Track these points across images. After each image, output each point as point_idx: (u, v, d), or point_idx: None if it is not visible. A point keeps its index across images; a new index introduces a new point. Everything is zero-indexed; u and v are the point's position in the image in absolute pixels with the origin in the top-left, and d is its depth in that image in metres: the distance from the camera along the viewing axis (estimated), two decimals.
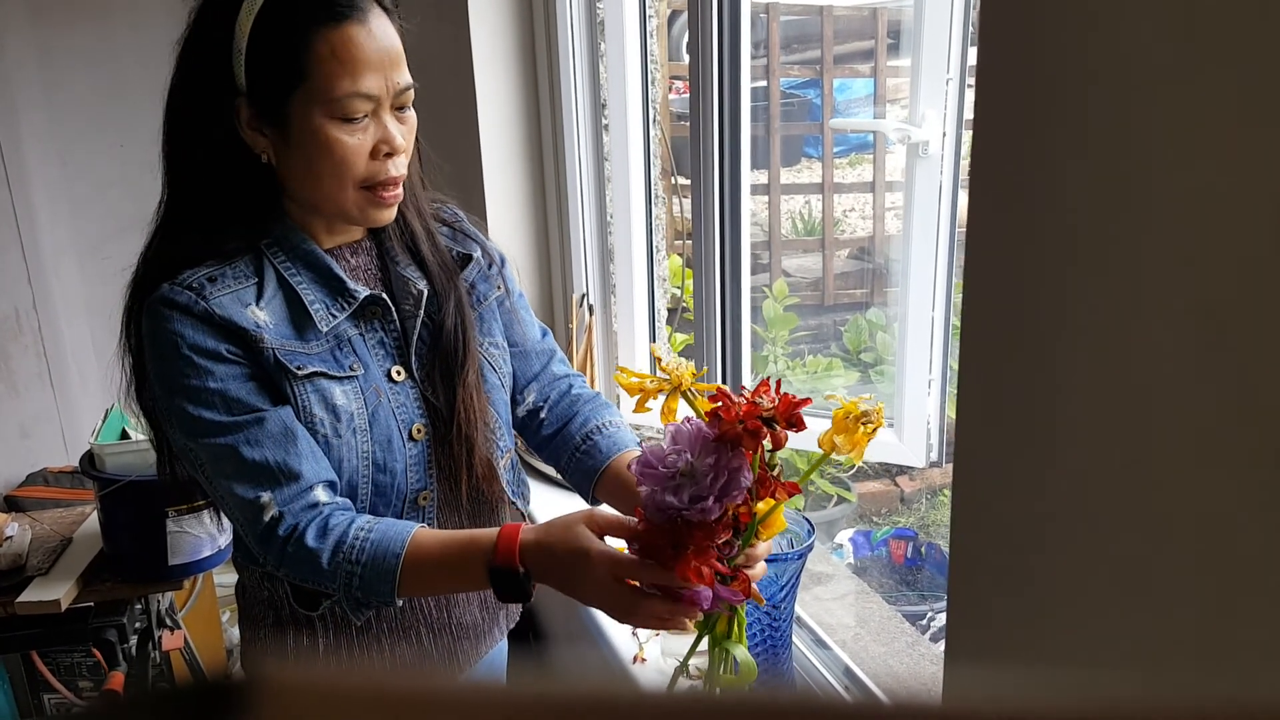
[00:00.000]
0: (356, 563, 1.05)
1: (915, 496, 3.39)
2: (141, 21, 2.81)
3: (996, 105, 0.79)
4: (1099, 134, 0.70)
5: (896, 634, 1.56)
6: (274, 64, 1.02)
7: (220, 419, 1.05)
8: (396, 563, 1.04)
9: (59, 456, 2.85)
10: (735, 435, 0.89)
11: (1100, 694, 0.22)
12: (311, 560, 1.05)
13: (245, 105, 1.04)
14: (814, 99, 4.52)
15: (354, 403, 1.11)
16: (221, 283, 1.06)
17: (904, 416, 1.56)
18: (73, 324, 2.92)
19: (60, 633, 1.87)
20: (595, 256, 2.17)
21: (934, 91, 1.42)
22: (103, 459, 1.80)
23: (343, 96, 1.02)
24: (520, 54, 2.14)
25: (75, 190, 2.88)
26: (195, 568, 1.87)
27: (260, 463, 1.05)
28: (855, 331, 3.43)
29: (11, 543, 1.87)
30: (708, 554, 0.90)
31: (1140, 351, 0.70)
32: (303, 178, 1.07)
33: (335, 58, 1.01)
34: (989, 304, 0.83)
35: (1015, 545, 0.84)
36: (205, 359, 1.04)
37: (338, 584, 1.06)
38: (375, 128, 1.06)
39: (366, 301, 1.13)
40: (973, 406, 0.86)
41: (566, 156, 2.13)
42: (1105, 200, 0.70)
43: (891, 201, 3.90)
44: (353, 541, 1.05)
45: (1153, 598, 0.73)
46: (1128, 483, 0.73)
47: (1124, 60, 0.68)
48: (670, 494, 0.90)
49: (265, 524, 1.05)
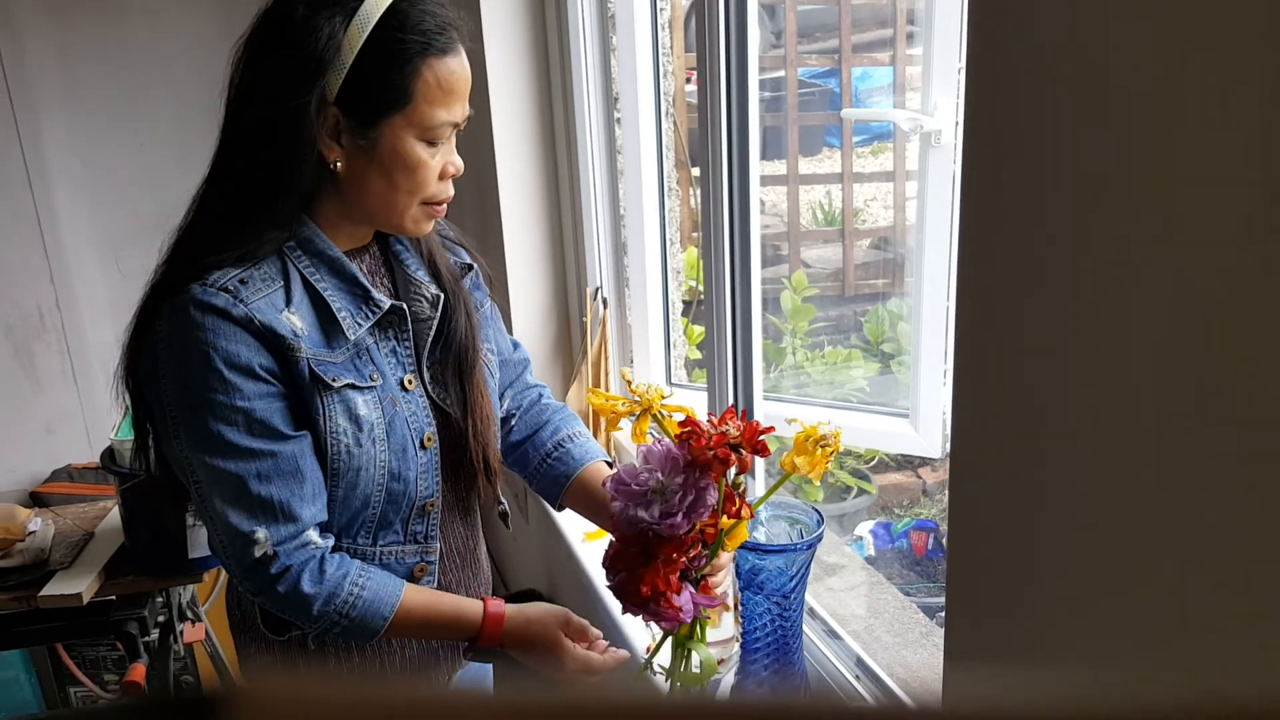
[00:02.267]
0: (345, 615, 1.09)
1: (937, 488, 3.37)
2: (161, 21, 2.83)
3: (987, 95, 0.78)
4: (1092, 123, 0.70)
5: (910, 624, 1.56)
6: (379, 85, 1.04)
7: (238, 441, 1.04)
8: (383, 624, 1.10)
9: (83, 453, 2.89)
10: (705, 461, 0.96)
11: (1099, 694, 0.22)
12: (303, 605, 1.08)
13: (334, 115, 1.05)
14: (834, 88, 4.50)
15: (374, 412, 1.11)
16: (252, 285, 1.05)
17: (919, 407, 1.56)
18: (95, 321, 2.96)
19: (82, 626, 1.89)
20: (609, 249, 2.17)
21: (946, 81, 1.41)
22: (123, 454, 1.82)
23: (439, 124, 1.07)
24: (532, 48, 2.14)
25: (96, 189, 2.92)
26: (214, 561, 1.89)
27: (265, 499, 1.05)
28: (875, 322, 3.41)
29: (35, 538, 1.90)
30: (675, 565, 0.98)
31: (1139, 344, 0.69)
32: (376, 190, 1.09)
33: (440, 87, 1.06)
34: (981, 297, 0.82)
35: (1013, 542, 0.84)
36: (236, 374, 1.03)
37: (320, 626, 1.10)
38: (445, 149, 1.11)
39: (389, 312, 1.13)
40: (967, 401, 0.86)
41: (579, 150, 2.13)
42: (1098, 191, 0.70)
43: (912, 191, 3.87)
44: (346, 596, 1.08)
45: (1154, 596, 0.72)
46: (1128, 478, 0.72)
47: (1115, 46, 0.67)
48: (642, 509, 0.97)
49: (255, 558, 1.06)
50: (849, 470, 3.01)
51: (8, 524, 1.89)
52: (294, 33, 1.03)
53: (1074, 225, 0.72)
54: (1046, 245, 0.75)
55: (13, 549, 1.86)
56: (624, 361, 2.23)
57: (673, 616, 0.97)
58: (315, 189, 1.09)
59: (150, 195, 2.81)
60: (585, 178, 2.14)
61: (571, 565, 1.92)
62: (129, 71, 2.87)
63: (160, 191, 1.30)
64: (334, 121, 1.05)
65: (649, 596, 0.95)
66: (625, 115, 2.01)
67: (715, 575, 1.07)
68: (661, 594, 0.94)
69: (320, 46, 1.02)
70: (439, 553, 1.20)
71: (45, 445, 2.88)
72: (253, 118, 1.06)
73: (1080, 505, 0.76)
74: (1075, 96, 0.70)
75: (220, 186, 1.09)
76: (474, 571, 1.31)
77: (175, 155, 2.77)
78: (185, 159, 1.17)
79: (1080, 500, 0.76)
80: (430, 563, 1.19)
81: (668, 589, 0.94)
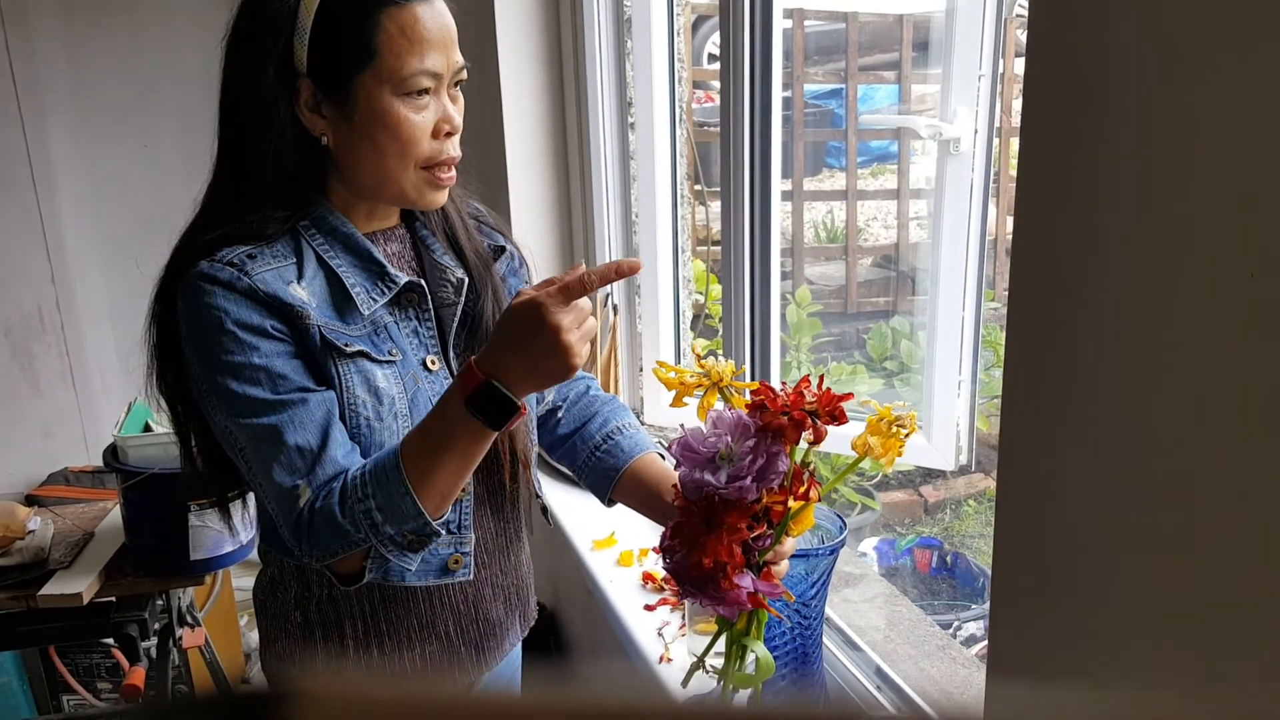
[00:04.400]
0: (367, 496, 1.02)
1: (939, 507, 3.36)
2: (169, 24, 2.83)
3: (1043, 105, 0.77)
4: (1145, 133, 0.68)
5: (926, 637, 1.54)
6: (341, 44, 1.03)
7: (266, 396, 1.03)
8: (399, 473, 1.01)
9: (80, 456, 2.86)
10: (779, 426, 0.90)
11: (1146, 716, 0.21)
12: (329, 522, 1.02)
13: (307, 85, 1.05)
14: (836, 109, 4.52)
15: (395, 387, 1.10)
16: (261, 260, 1.05)
17: (933, 418, 1.54)
18: (95, 324, 2.94)
19: (82, 627, 1.86)
20: (620, 255, 2.16)
21: (966, 88, 1.40)
22: (126, 451, 1.80)
23: (411, 74, 1.04)
24: (546, 51, 2.13)
25: (100, 191, 2.90)
26: (216, 563, 1.87)
27: (304, 447, 1.03)
28: (879, 339, 3.41)
29: (34, 536, 1.87)
30: (740, 534, 0.91)
31: (1191, 358, 0.68)
32: (365, 157, 1.07)
33: (404, 36, 1.03)
34: (1034, 311, 0.81)
35: (1060, 558, 0.82)
36: (250, 334, 1.03)
37: (363, 533, 1.03)
38: (436, 106, 1.08)
39: (405, 288, 1.12)
40: (1017, 415, 0.84)
41: (592, 155, 2.12)
42: (1151, 201, 0.69)
43: (915, 210, 3.88)
44: (353, 485, 1.02)
45: (1204, 616, 0.70)
46: (1179, 495, 0.70)
47: (1171, 57, 0.66)
48: (708, 473, 0.91)
49: (299, 510, 1.04)
50: (853, 486, 3.00)
51: (7, 522, 1.86)
52: (253, 7, 1.05)
53: (1125, 232, 0.71)
54: (1099, 254, 0.73)
55: (12, 547, 1.83)
56: (634, 369, 2.21)
57: (734, 599, 0.91)
58: (321, 170, 1.10)
59: (154, 199, 2.79)
60: (598, 183, 2.13)
61: (579, 575, 1.89)
62: (136, 76, 2.86)
63: (164, 195, 1.29)
64: (309, 93, 1.05)
65: (711, 570, 0.89)
66: (640, 120, 2.00)
67: (778, 563, 1.00)
68: (724, 566, 0.88)
69: (277, 16, 1.03)
70: (473, 544, 1.17)
71: (42, 448, 2.85)
72: (231, 100, 1.08)
73: (1129, 519, 0.75)
74: (1131, 102, 0.69)
75: (219, 171, 1.11)
76: (512, 567, 1.28)
77: (180, 160, 2.76)
78: (190, 164, 1.17)
79: (1129, 514, 0.75)
80: (465, 554, 1.16)
81: (731, 561, 0.89)
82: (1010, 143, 3.48)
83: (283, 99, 1.04)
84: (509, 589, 1.28)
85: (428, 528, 1.04)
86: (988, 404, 2.56)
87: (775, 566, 0.99)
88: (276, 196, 1.07)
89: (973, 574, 2.77)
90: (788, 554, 1.02)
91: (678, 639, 1.59)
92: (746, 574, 0.92)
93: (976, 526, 3.27)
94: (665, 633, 1.62)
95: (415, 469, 1.01)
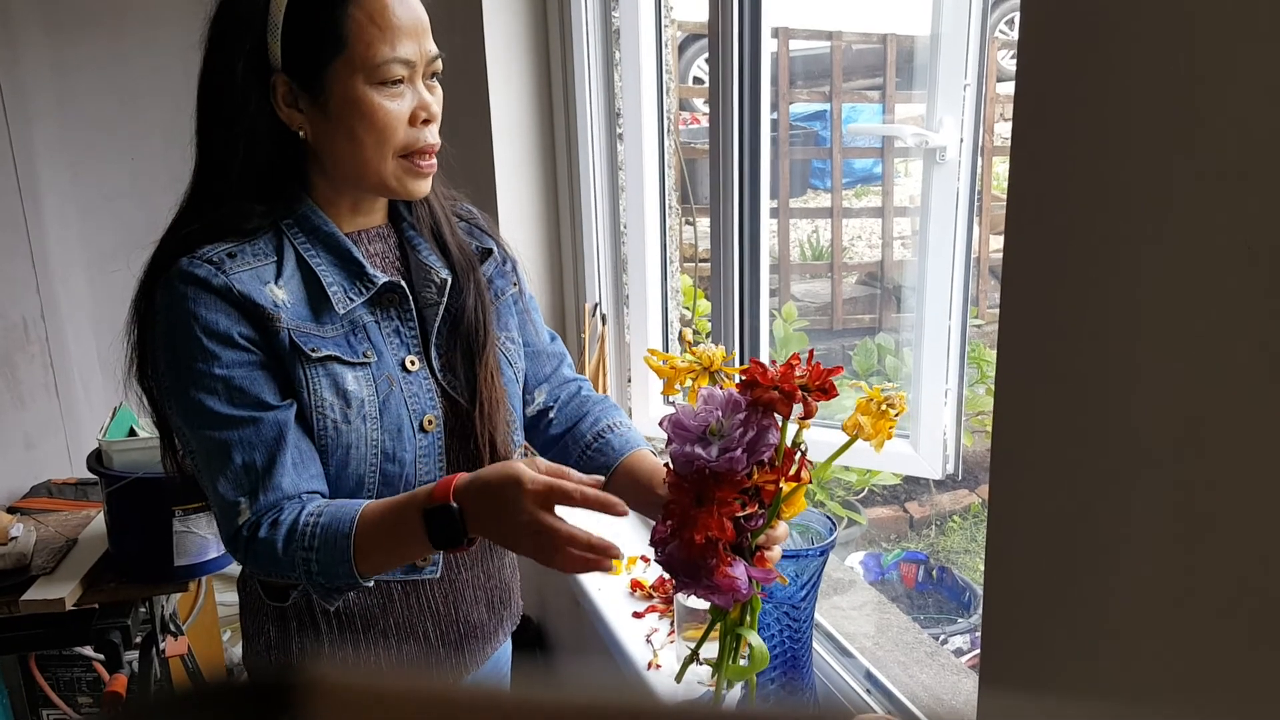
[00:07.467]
0: (310, 548, 1.03)
1: (924, 522, 3.37)
2: (154, 34, 2.83)
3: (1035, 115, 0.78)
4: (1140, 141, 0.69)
5: (915, 643, 1.54)
6: (312, 36, 1.05)
7: (220, 410, 1.04)
8: (348, 542, 1.02)
9: (63, 468, 2.83)
10: (770, 400, 0.90)
11: None
12: (269, 552, 1.04)
13: (283, 81, 1.06)
14: (820, 130, 4.55)
15: (365, 389, 1.10)
16: (241, 259, 1.07)
17: (920, 427, 1.54)
18: (79, 335, 2.92)
19: (65, 634, 1.84)
20: (609, 266, 2.16)
21: (951, 97, 1.42)
22: (110, 456, 1.78)
23: (382, 62, 1.05)
24: (534, 61, 2.14)
25: (85, 200, 2.89)
26: (201, 569, 1.85)
27: (250, 466, 1.05)
28: (865, 355, 3.42)
29: (16, 543, 1.85)
30: (731, 508, 0.91)
31: (1183, 372, 0.68)
32: (343, 149, 1.08)
33: (374, 24, 1.04)
34: (1025, 321, 0.82)
35: (1053, 570, 0.82)
36: (215, 342, 1.04)
37: (298, 573, 1.05)
38: (411, 94, 1.09)
39: (385, 288, 1.13)
40: (1009, 426, 0.85)
41: (580, 165, 2.13)
42: (1145, 209, 0.69)
43: (900, 230, 3.91)
44: (304, 528, 1.03)
45: (1198, 629, 0.70)
46: (1175, 507, 0.71)
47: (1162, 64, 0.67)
48: (699, 447, 0.92)
49: (237, 526, 1.06)
50: (839, 501, 3.00)
51: None
52: (226, 6, 1.07)
53: (1120, 239, 0.71)
54: (1093, 261, 0.74)
55: None
56: (621, 379, 2.21)
57: (728, 587, 0.90)
58: (301, 165, 1.11)
59: (139, 208, 2.78)
60: (586, 192, 2.13)
61: (567, 581, 1.88)
62: (121, 84, 2.86)
63: (149, 205, 1.29)
64: (286, 89, 1.07)
65: (703, 548, 0.89)
66: (628, 131, 2.01)
67: (771, 548, 1.00)
68: (715, 543, 0.89)
69: (250, 13, 1.05)
70: None
71: (25, 459, 2.82)
72: (204, 97, 1.09)
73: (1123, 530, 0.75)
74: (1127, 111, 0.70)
75: (196, 172, 1.12)
76: (495, 570, 1.28)
77: (166, 170, 2.72)
78: (175, 173, 1.17)
79: (1123, 525, 0.75)
80: (434, 556, 1.16)
81: (722, 536, 0.89)
82: (994, 161, 3.51)
83: (254, 94, 1.06)
84: (491, 591, 1.27)
85: (356, 586, 1.06)
86: (971, 419, 2.57)
87: (768, 551, 0.99)
88: (251, 191, 1.08)
89: (959, 588, 2.77)
90: (781, 539, 1.02)
91: (666, 645, 1.59)
92: (739, 561, 0.92)
93: (962, 542, 3.27)
94: (654, 639, 1.61)
95: (363, 545, 1.03)
